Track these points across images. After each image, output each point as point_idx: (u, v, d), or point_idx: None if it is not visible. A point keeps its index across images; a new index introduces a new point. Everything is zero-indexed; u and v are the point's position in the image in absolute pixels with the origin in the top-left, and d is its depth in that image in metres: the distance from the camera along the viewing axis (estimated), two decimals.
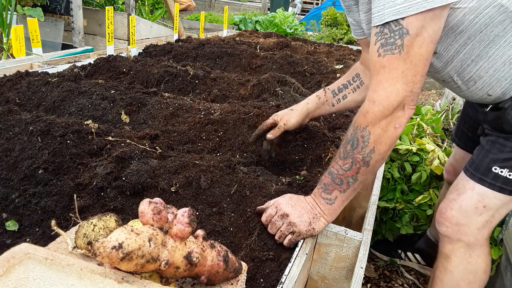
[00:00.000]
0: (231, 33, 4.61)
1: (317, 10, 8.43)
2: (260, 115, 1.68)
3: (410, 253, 2.08)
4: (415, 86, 0.98)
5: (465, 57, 1.14)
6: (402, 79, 0.97)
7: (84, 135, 1.38)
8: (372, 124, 1.02)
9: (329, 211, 1.11)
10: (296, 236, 1.07)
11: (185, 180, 1.19)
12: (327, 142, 1.60)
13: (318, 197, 1.12)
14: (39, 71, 2.13)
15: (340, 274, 1.19)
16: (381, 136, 1.02)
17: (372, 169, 1.06)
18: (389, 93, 0.98)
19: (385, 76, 0.98)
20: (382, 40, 0.97)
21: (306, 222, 1.08)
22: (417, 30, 0.93)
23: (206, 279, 0.79)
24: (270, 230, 1.09)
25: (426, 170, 2.03)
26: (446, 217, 1.33)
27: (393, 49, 0.96)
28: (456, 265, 1.34)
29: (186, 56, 2.85)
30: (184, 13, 11.07)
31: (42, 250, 0.71)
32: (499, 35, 1.07)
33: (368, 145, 1.03)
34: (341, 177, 1.07)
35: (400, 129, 1.02)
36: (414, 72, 0.96)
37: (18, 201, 1.10)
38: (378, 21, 0.97)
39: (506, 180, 1.20)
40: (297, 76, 2.68)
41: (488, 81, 1.16)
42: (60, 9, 4.15)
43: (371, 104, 1.01)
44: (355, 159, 1.05)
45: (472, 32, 1.07)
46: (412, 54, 0.95)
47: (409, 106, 1.00)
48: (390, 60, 0.97)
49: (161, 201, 0.74)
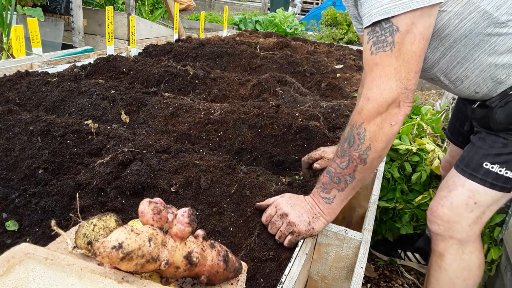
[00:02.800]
0: (231, 33, 4.61)
1: (317, 10, 8.43)
2: (260, 115, 1.68)
3: (410, 252, 2.08)
4: (409, 82, 0.98)
5: (451, 59, 1.15)
6: (395, 76, 0.97)
7: (84, 135, 1.38)
8: (367, 121, 1.02)
9: (328, 210, 1.10)
10: (295, 236, 1.07)
11: (185, 180, 1.19)
12: (327, 142, 1.60)
13: (317, 197, 1.12)
14: (39, 71, 2.13)
15: (340, 274, 1.19)
16: (376, 133, 1.01)
17: (370, 166, 1.05)
18: (383, 90, 0.98)
19: (378, 73, 0.98)
20: (374, 38, 0.98)
21: (305, 222, 1.08)
22: (407, 27, 0.94)
23: (206, 279, 0.79)
24: (270, 230, 1.10)
25: (426, 170, 2.03)
26: (437, 215, 1.32)
27: (384, 46, 0.96)
28: (450, 263, 1.34)
29: (186, 56, 2.85)
30: (184, 13, 11.07)
31: (42, 250, 0.71)
32: (483, 40, 1.08)
33: (364, 142, 1.02)
34: (338, 175, 1.07)
35: (396, 126, 1.01)
36: (407, 69, 0.96)
37: (18, 201, 1.10)
38: (368, 21, 0.98)
39: (496, 176, 1.20)
40: (297, 76, 2.68)
41: (474, 80, 1.17)
42: (60, 9, 4.15)
43: (366, 102, 1.01)
44: (352, 157, 1.04)
45: (457, 36, 1.09)
46: (403, 51, 0.95)
47: (404, 103, 0.99)
48: (382, 58, 0.97)
49: (161, 201, 0.74)
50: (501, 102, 1.16)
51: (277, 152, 1.59)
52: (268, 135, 1.62)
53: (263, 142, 1.61)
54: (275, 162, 1.58)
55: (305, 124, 1.63)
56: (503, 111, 1.16)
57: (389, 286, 1.99)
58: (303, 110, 1.81)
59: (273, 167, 1.57)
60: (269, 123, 1.64)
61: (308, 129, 1.63)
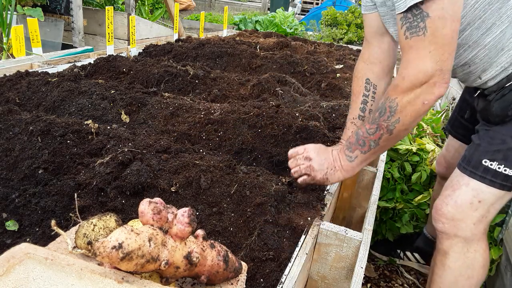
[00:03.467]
0: (231, 33, 4.61)
1: (317, 10, 8.43)
2: (260, 115, 1.67)
3: (409, 252, 2.08)
4: (444, 63, 1.02)
5: (463, 42, 1.20)
6: (431, 58, 1.01)
7: (84, 135, 1.38)
8: (401, 96, 1.07)
9: (348, 167, 1.22)
10: (310, 179, 1.23)
11: (185, 180, 1.19)
12: (327, 142, 1.60)
13: (341, 153, 1.24)
14: (39, 71, 2.13)
15: (340, 274, 1.19)
16: (407, 108, 1.07)
17: (395, 137, 1.14)
18: (419, 70, 1.03)
19: (414, 55, 1.03)
20: (407, 24, 1.03)
21: (323, 171, 1.23)
22: (437, 12, 0.98)
23: (206, 279, 0.79)
24: (290, 164, 1.27)
25: (426, 170, 2.03)
26: (442, 213, 1.33)
27: (417, 31, 1.01)
28: (454, 261, 1.34)
29: (186, 56, 2.85)
30: (184, 13, 11.06)
31: (42, 250, 0.71)
32: (495, 23, 1.13)
33: (394, 115, 1.09)
34: (365, 139, 1.17)
35: (428, 105, 1.06)
36: (442, 51, 1.01)
37: (18, 201, 1.10)
38: (401, 8, 1.03)
39: (496, 173, 1.22)
40: (297, 76, 2.68)
41: (481, 66, 1.22)
42: (60, 9, 4.15)
43: (401, 79, 1.07)
44: (380, 126, 1.13)
45: (472, 18, 1.14)
46: (436, 35, 0.99)
47: (440, 84, 1.03)
48: (416, 41, 1.02)
49: (161, 201, 0.74)
50: (497, 96, 1.21)
51: (277, 152, 1.59)
52: (268, 135, 1.62)
53: (263, 142, 1.61)
54: (275, 162, 1.58)
55: (305, 124, 1.63)
56: (499, 104, 1.20)
57: (389, 286, 1.99)
58: (303, 110, 1.81)
59: (273, 167, 1.57)
60: (269, 123, 1.64)
61: (308, 129, 1.63)
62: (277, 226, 1.14)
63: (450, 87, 3.77)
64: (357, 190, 1.65)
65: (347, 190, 1.63)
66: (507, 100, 1.19)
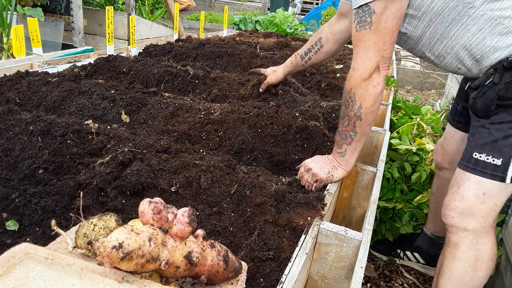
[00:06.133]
0: (231, 33, 4.61)
1: (317, 10, 8.43)
2: (260, 115, 1.68)
3: (409, 252, 2.08)
4: (385, 52, 1.23)
5: (431, 35, 1.33)
6: (374, 48, 1.22)
7: (84, 135, 1.38)
8: (355, 86, 1.28)
9: (344, 161, 1.39)
10: (319, 183, 1.36)
11: (185, 180, 1.19)
12: (327, 142, 1.60)
13: (334, 153, 1.41)
14: (39, 71, 2.13)
15: (340, 273, 1.19)
16: (363, 94, 1.26)
17: (365, 121, 1.30)
18: (365, 60, 1.24)
19: (361, 47, 1.24)
20: (358, 19, 1.23)
21: (325, 172, 1.37)
22: (381, 10, 1.18)
23: (206, 279, 0.79)
24: (302, 183, 1.40)
25: (426, 170, 2.03)
26: (451, 208, 1.37)
27: (365, 25, 1.21)
28: (464, 252, 1.37)
29: (186, 56, 2.85)
30: (184, 13, 11.06)
31: (42, 250, 0.71)
32: (455, 19, 1.25)
33: (356, 103, 1.29)
34: (344, 132, 1.35)
35: (379, 86, 1.25)
36: (383, 41, 1.21)
37: (18, 201, 1.10)
38: (355, 5, 1.23)
39: (485, 164, 1.27)
40: (297, 76, 2.68)
41: (455, 57, 1.33)
42: (60, 9, 4.15)
43: (352, 71, 1.27)
44: (349, 116, 1.32)
45: (432, 14, 1.27)
46: (380, 28, 1.20)
47: (383, 67, 1.24)
48: (363, 34, 1.22)
49: (161, 200, 0.74)
50: (479, 93, 1.28)
51: (277, 152, 1.59)
52: (268, 135, 1.62)
53: (263, 142, 1.61)
54: (275, 162, 1.58)
55: (305, 124, 1.64)
56: (482, 101, 1.28)
57: (389, 286, 1.99)
58: (303, 110, 1.81)
59: (273, 167, 1.57)
60: (269, 123, 1.64)
61: (308, 129, 1.63)
62: (277, 226, 1.14)
63: (450, 87, 3.77)
64: (357, 190, 1.65)
65: (347, 190, 1.63)
66: (487, 98, 1.25)
